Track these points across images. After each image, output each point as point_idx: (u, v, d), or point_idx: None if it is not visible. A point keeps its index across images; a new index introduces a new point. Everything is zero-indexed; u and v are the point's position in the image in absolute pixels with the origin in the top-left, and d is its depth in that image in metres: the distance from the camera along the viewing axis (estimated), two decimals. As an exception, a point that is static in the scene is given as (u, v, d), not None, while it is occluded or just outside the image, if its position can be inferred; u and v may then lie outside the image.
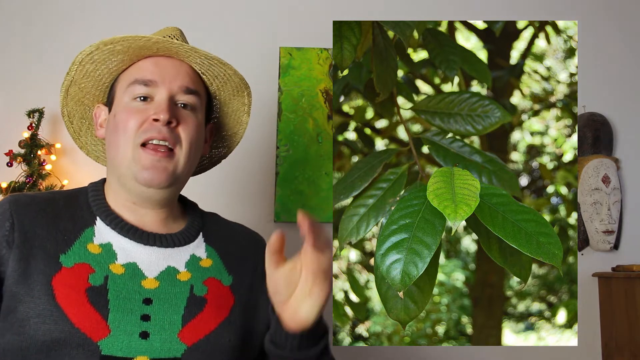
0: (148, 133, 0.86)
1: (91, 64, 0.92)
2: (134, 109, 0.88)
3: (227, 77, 0.96)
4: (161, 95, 0.89)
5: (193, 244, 0.94)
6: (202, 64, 0.93)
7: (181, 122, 0.89)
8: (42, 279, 0.80)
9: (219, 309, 0.88)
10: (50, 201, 0.89)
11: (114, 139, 0.89)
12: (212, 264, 0.93)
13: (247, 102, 1.01)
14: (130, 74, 0.92)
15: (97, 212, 0.89)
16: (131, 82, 0.90)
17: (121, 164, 0.88)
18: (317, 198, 1.80)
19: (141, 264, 0.86)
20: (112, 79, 0.95)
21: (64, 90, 0.96)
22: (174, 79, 0.90)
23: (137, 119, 0.87)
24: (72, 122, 1.01)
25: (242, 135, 1.07)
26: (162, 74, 0.90)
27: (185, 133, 0.89)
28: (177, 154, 0.89)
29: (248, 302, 0.94)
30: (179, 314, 0.84)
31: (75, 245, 0.84)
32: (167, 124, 0.87)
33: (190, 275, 0.89)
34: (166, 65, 0.91)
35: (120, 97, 0.91)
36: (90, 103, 0.99)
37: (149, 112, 0.87)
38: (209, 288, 0.89)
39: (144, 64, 0.92)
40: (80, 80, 0.95)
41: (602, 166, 1.80)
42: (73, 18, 1.89)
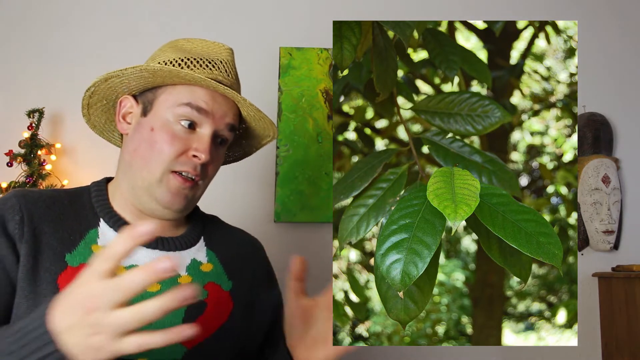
0: (184, 166, 0.87)
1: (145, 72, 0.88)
2: (177, 135, 0.87)
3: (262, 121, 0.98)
4: (206, 130, 0.88)
5: (194, 248, 0.94)
6: (248, 114, 0.95)
7: (212, 161, 0.90)
8: (48, 277, 0.80)
9: (219, 313, 0.89)
10: (56, 199, 0.89)
11: (144, 152, 0.88)
12: (212, 268, 0.93)
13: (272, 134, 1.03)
14: (181, 94, 0.89)
15: (100, 213, 0.89)
16: (183, 104, 0.88)
17: (146, 179, 0.87)
18: (317, 198, 1.79)
19: None
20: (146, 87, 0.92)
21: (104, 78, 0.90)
22: (224, 115, 0.90)
23: (177, 147, 0.87)
24: (92, 97, 0.95)
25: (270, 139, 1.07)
26: (216, 109, 0.89)
27: (212, 169, 0.91)
28: (200, 186, 0.91)
29: (246, 307, 0.95)
30: (179, 317, 0.84)
31: (80, 245, 0.84)
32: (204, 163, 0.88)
33: (191, 279, 0.89)
34: (221, 101, 0.91)
35: (163, 110, 0.89)
36: (122, 92, 0.94)
37: (191, 144, 0.87)
38: (209, 292, 0.90)
39: (200, 92, 0.89)
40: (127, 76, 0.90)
41: (602, 166, 1.80)
42: (73, 18, 1.89)
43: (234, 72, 0.96)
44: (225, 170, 1.19)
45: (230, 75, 0.94)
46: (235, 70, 0.97)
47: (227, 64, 0.94)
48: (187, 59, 0.91)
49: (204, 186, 0.92)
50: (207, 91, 0.89)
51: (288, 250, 1.75)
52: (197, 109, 0.88)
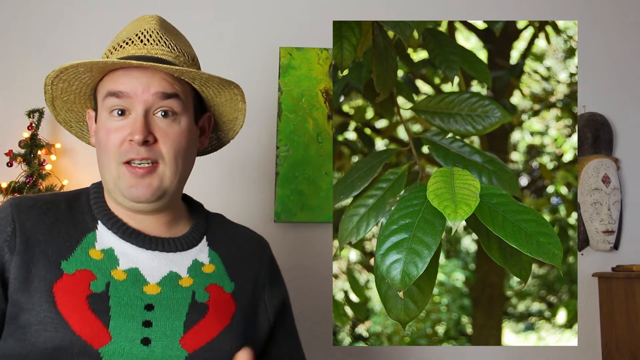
0: (128, 154, 0.85)
1: (63, 83, 0.91)
2: (112, 128, 0.86)
3: (204, 79, 0.91)
4: (136, 111, 0.85)
5: (196, 248, 0.93)
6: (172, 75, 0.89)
7: (159, 137, 0.86)
8: (43, 286, 0.79)
9: (220, 316, 0.87)
10: (52, 204, 0.88)
11: (99, 156, 0.89)
12: (214, 269, 0.92)
13: (237, 92, 0.95)
14: (104, 86, 0.89)
15: (98, 215, 0.89)
16: (105, 95, 0.87)
17: (108, 180, 0.88)
18: (317, 198, 1.79)
19: (143, 269, 0.86)
20: (91, 88, 0.93)
21: (50, 104, 0.94)
22: (147, 88, 0.86)
23: (115, 138, 0.85)
24: (72, 126, 1.01)
25: (243, 120, 1.01)
26: (134, 85, 0.86)
27: (166, 147, 0.86)
28: (161, 168, 0.86)
29: (249, 310, 0.93)
30: (180, 321, 0.83)
31: (76, 251, 0.84)
32: (144, 143, 0.84)
33: (192, 281, 0.88)
34: (138, 75, 0.86)
35: (100, 110, 0.89)
36: (81, 109, 0.97)
37: (126, 130, 0.85)
38: (211, 294, 0.89)
39: (115, 76, 0.87)
40: (61, 95, 0.93)
41: (602, 166, 1.80)
42: (73, 18, 1.89)
43: (155, 38, 0.91)
44: (225, 170, 1.19)
45: (150, 43, 0.90)
46: (159, 35, 0.92)
47: (145, 34, 0.91)
48: (112, 48, 0.92)
49: (170, 169, 0.87)
50: (122, 72, 0.87)
51: (288, 250, 1.75)
52: (117, 94, 0.86)
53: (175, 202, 0.94)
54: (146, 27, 0.92)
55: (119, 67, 0.88)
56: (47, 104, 0.95)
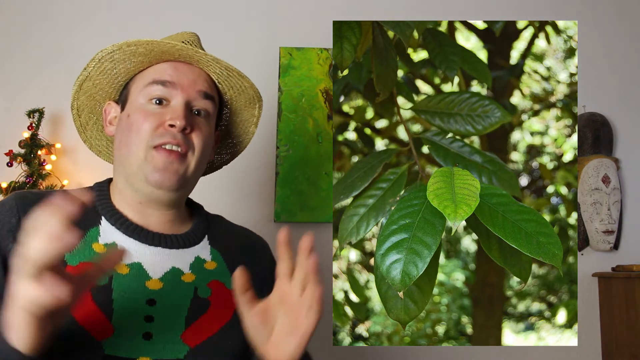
0: (163, 138, 0.87)
1: (110, 62, 0.93)
2: (150, 112, 0.89)
3: (242, 88, 0.97)
4: (178, 100, 0.89)
5: (198, 246, 0.94)
6: (220, 73, 0.94)
7: (195, 129, 0.90)
8: None
9: (222, 312, 0.88)
10: None
11: (125, 139, 0.90)
12: (216, 266, 0.93)
13: (257, 114, 1.03)
14: (147, 75, 0.92)
15: (102, 211, 0.89)
16: (149, 83, 0.90)
17: (133, 163, 0.88)
18: (317, 198, 1.79)
19: (146, 264, 0.86)
20: (127, 78, 0.96)
21: (78, 84, 0.96)
22: (192, 84, 0.91)
23: (152, 121, 0.88)
24: (80, 116, 1.01)
25: (246, 145, 1.09)
26: (181, 78, 0.91)
27: (198, 139, 0.90)
28: (189, 159, 0.89)
29: None
30: (182, 316, 0.84)
31: (80, 244, 0.84)
32: (182, 131, 0.88)
33: (194, 277, 0.89)
34: (185, 70, 0.92)
35: (135, 97, 0.92)
36: (102, 99, 0.99)
37: (165, 116, 0.88)
38: (213, 290, 0.89)
39: (163, 67, 0.92)
40: (96, 77, 0.95)
41: (602, 166, 1.80)
42: (74, 18, 1.89)
43: (200, 47, 0.97)
44: (225, 171, 1.19)
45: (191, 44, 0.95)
46: (201, 46, 0.98)
47: (191, 42, 0.95)
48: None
49: (195, 161, 0.90)
50: (170, 64, 0.92)
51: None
52: (162, 82, 0.90)
53: (181, 201, 0.96)
54: (189, 39, 0.97)
55: (167, 61, 0.92)
56: (75, 83, 0.95)
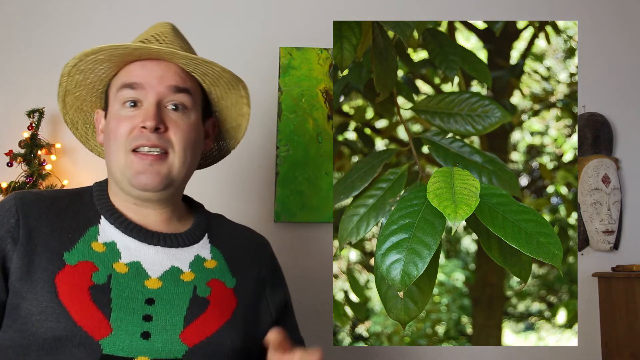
0: (137, 140, 0.87)
1: (79, 74, 0.93)
2: (123, 117, 0.89)
3: (216, 74, 0.95)
4: (149, 101, 0.89)
5: (198, 244, 0.94)
6: (187, 64, 0.92)
7: (170, 127, 0.89)
8: (45, 277, 0.80)
9: (221, 311, 0.88)
10: (55, 199, 0.89)
11: (107, 146, 0.91)
12: (216, 265, 0.93)
13: (244, 94, 0.99)
14: (118, 79, 0.92)
15: (101, 210, 0.90)
16: (119, 87, 0.90)
17: (117, 169, 0.89)
18: (317, 198, 1.79)
19: (145, 263, 0.86)
20: (104, 84, 0.96)
21: (61, 101, 0.97)
22: (161, 80, 0.90)
23: (126, 126, 0.88)
24: (77, 129, 1.02)
25: (246, 127, 1.05)
26: (149, 77, 0.89)
27: (176, 137, 0.89)
28: (171, 157, 0.89)
29: (250, 306, 0.94)
30: (181, 315, 0.84)
31: (79, 243, 0.84)
32: (156, 131, 0.87)
33: (194, 275, 0.89)
34: (153, 67, 0.91)
35: (112, 103, 0.92)
36: (90, 109, 1.00)
37: (137, 119, 0.88)
38: (212, 289, 0.89)
39: (131, 68, 0.91)
40: (74, 90, 0.95)
41: (602, 166, 1.80)
42: (73, 18, 1.89)
43: (170, 39, 0.95)
44: (225, 170, 1.19)
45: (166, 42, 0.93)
46: (174, 37, 0.96)
47: (160, 35, 0.94)
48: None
49: (179, 159, 0.89)
50: (138, 64, 0.91)
51: (288, 250, 1.75)
52: (131, 85, 0.89)
53: (177, 197, 0.96)
54: (161, 30, 0.96)
55: (135, 61, 0.91)
56: (58, 99, 0.96)
